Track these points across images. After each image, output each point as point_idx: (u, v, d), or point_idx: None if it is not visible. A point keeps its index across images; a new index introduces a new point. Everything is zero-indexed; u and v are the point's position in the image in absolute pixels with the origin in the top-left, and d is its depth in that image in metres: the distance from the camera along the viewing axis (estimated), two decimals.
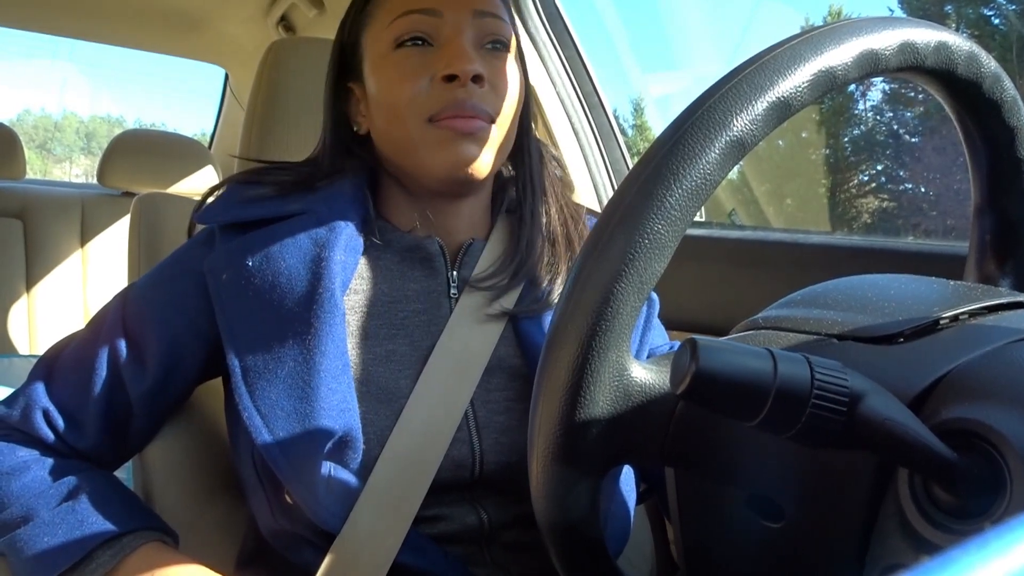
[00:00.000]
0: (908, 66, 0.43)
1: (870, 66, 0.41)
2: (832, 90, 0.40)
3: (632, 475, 0.76)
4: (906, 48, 0.42)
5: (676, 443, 0.44)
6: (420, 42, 0.69)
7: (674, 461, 0.45)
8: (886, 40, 0.41)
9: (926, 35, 0.43)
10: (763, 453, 0.42)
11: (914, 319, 0.42)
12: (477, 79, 0.68)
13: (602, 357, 0.39)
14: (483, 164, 0.70)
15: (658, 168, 0.38)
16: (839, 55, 0.40)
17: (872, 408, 0.35)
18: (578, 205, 0.82)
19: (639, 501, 0.78)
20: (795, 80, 0.39)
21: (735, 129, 0.38)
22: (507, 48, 0.73)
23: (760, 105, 0.39)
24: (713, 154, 0.38)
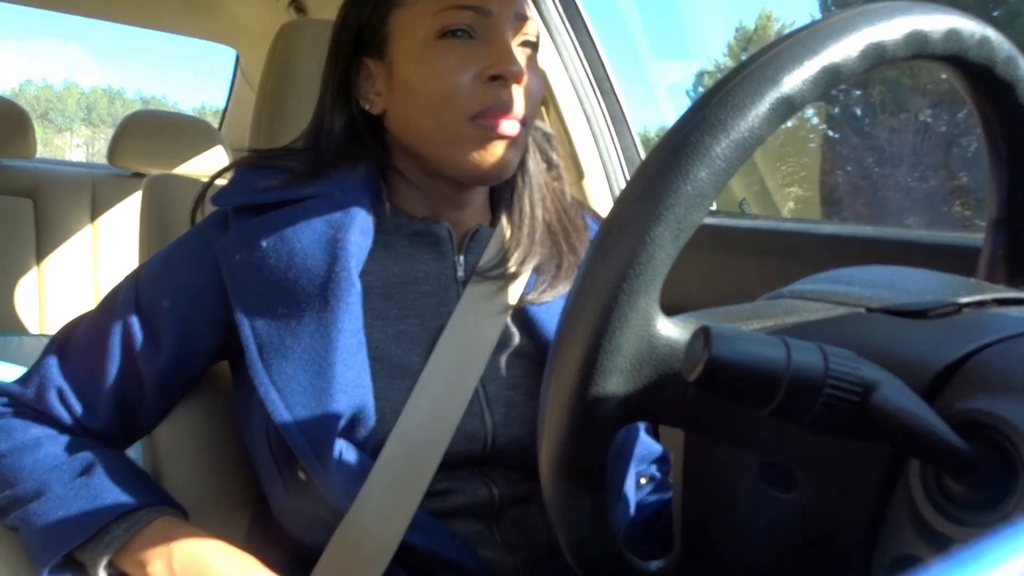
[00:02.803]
0: (952, 55, 0.43)
1: (918, 47, 0.41)
2: (879, 65, 0.41)
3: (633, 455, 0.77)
4: (952, 35, 0.42)
5: (694, 404, 0.43)
6: (464, 34, 0.70)
7: (690, 423, 0.44)
8: (935, 24, 0.42)
9: (972, 26, 0.44)
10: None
11: (940, 301, 0.42)
12: (519, 81, 0.69)
13: (632, 302, 0.38)
14: (513, 164, 0.72)
15: (706, 116, 0.38)
16: (888, 30, 0.40)
17: (886, 398, 0.34)
18: (563, 191, 0.83)
19: None
20: (846, 48, 0.39)
21: (785, 87, 0.38)
22: (536, 50, 0.74)
23: (812, 67, 0.39)
24: (762, 108, 0.38)
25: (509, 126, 0.69)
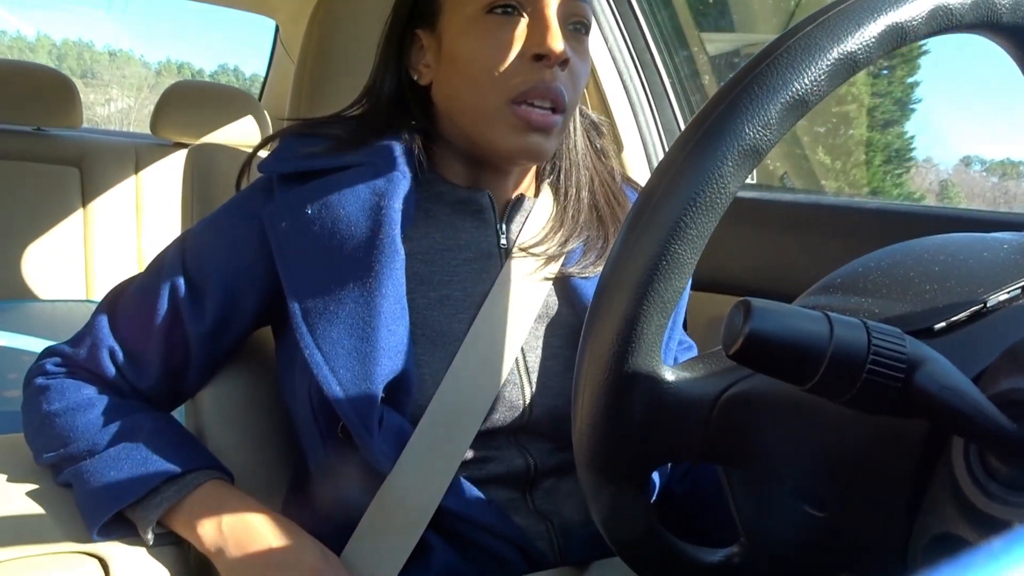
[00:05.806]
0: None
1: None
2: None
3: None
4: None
5: (715, 444, 0.44)
6: (513, 11, 0.69)
7: (715, 460, 0.45)
8: None
9: None
10: (801, 450, 0.42)
11: (956, 304, 0.41)
12: (563, 63, 0.68)
13: (633, 371, 0.40)
14: (547, 151, 0.71)
15: (672, 186, 0.38)
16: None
17: (930, 376, 0.34)
18: (613, 171, 0.83)
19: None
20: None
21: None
22: (587, 33, 0.73)
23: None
24: (727, 167, 0.37)
25: (545, 118, 0.69)
